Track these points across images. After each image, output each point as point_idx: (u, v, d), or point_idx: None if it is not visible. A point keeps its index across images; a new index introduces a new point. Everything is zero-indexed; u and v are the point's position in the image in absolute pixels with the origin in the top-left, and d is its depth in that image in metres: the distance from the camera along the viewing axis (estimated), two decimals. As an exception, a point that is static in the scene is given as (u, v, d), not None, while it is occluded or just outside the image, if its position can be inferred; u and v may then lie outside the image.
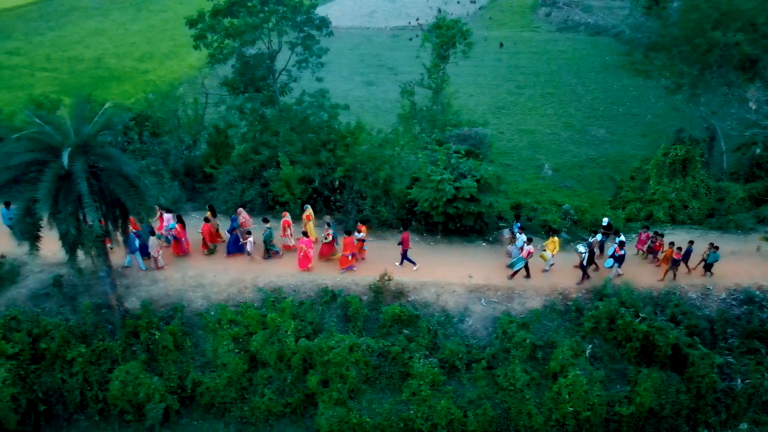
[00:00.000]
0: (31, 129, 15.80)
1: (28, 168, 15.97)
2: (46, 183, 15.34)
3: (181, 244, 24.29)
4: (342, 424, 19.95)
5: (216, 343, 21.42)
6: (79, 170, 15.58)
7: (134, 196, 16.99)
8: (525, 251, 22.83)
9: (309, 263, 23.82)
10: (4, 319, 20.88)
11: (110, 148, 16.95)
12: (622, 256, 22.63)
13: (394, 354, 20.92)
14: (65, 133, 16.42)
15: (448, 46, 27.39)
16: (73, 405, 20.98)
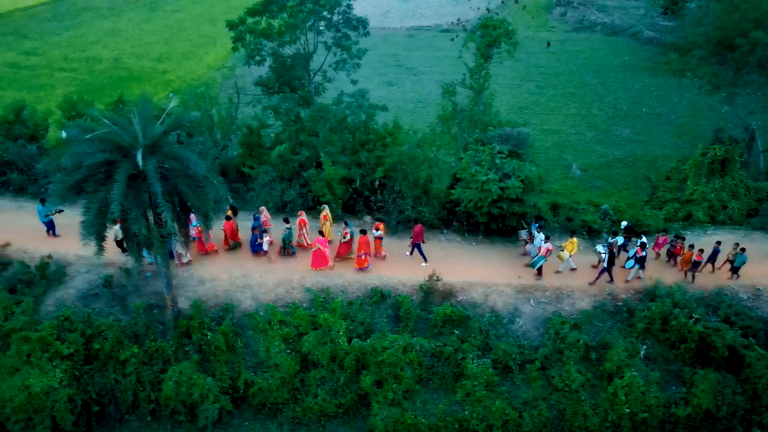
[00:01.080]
0: (103, 129, 15.74)
1: (98, 168, 15.94)
2: (120, 183, 15.32)
3: (203, 243, 24.25)
4: (397, 424, 19.94)
5: (267, 344, 21.39)
6: (152, 170, 15.56)
7: (202, 196, 16.98)
8: (544, 249, 22.87)
9: (324, 263, 23.73)
10: (57, 320, 20.86)
11: (179, 148, 16.93)
12: (644, 257, 22.58)
13: (447, 354, 20.91)
14: (132, 133, 16.39)
15: (493, 46, 27.38)
16: (125, 405, 20.97)
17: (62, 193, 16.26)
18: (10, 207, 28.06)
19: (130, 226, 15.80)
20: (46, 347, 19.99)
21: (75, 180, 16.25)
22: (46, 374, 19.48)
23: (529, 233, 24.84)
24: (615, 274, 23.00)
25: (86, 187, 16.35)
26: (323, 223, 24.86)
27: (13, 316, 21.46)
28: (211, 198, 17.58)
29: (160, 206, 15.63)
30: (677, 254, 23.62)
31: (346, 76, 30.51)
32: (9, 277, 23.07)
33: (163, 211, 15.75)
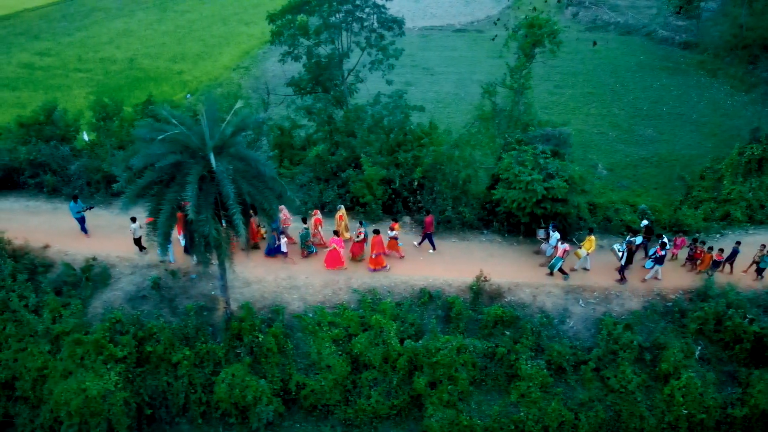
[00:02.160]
0: (173, 130, 15.60)
1: (167, 170, 15.79)
2: (193, 184, 15.19)
3: None
4: (452, 426, 19.88)
5: (317, 346, 21.28)
6: (224, 172, 15.43)
7: (269, 196, 16.87)
8: (561, 250, 22.84)
9: (339, 263, 23.64)
10: (109, 322, 20.73)
11: (247, 150, 16.80)
12: (662, 256, 22.55)
13: (500, 355, 20.86)
14: (200, 134, 16.26)
15: (537, 46, 27.36)
16: (176, 408, 20.85)
17: (135, 194, 16.12)
18: (45, 208, 27.92)
19: (199, 228, 15.66)
20: (100, 350, 19.88)
21: (147, 182, 16.12)
22: (101, 377, 19.37)
23: (546, 232, 24.80)
24: (629, 274, 23.13)
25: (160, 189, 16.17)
26: (338, 223, 24.80)
27: (61, 318, 21.35)
28: (284, 199, 17.45)
29: (230, 208, 15.51)
30: (697, 258, 23.47)
31: (381, 76, 30.37)
32: (54, 279, 22.96)
33: (234, 213, 15.63)
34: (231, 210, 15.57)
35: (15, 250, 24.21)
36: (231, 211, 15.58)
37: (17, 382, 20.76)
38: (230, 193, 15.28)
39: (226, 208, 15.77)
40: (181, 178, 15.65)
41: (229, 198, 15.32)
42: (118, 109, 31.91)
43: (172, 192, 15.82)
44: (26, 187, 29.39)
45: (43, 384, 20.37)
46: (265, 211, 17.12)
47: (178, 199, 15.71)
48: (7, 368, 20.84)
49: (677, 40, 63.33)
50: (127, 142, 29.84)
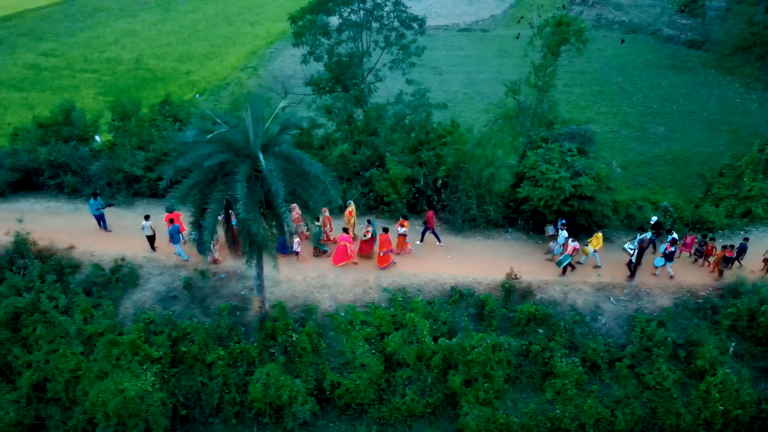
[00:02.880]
0: (220, 130, 15.53)
1: (214, 169, 15.70)
2: (242, 183, 15.11)
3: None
4: (489, 423, 19.86)
5: (350, 345, 21.23)
6: (274, 171, 15.36)
7: (314, 195, 16.82)
8: (570, 248, 22.95)
9: (346, 259, 23.65)
10: (143, 323, 20.62)
11: (292, 148, 16.71)
12: (672, 253, 22.68)
13: (535, 353, 20.86)
14: (245, 133, 16.19)
15: (563, 44, 27.40)
16: (209, 408, 20.75)
17: (183, 194, 16.01)
18: (66, 209, 27.79)
19: (248, 226, 15.57)
20: (136, 350, 19.77)
21: (195, 181, 16.02)
22: (138, 378, 19.27)
23: (555, 229, 24.84)
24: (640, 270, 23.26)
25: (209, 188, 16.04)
26: (348, 219, 24.77)
27: (93, 319, 21.23)
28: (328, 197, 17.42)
29: (279, 206, 15.44)
30: (709, 255, 23.58)
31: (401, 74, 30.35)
32: (83, 280, 22.84)
33: (283, 211, 15.56)
34: (280, 208, 15.50)
35: (40, 251, 24.10)
36: (280, 209, 15.51)
37: (49, 384, 20.61)
38: (280, 191, 15.21)
39: (272, 207, 15.70)
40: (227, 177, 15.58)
41: (279, 196, 15.25)
42: (135, 110, 31.75)
43: (218, 191, 15.74)
44: (45, 188, 29.24)
45: (76, 385, 20.24)
46: (309, 209, 17.03)
47: (225, 198, 15.63)
48: (38, 370, 20.70)
49: (682, 38, 63.56)
50: (147, 141, 29.76)
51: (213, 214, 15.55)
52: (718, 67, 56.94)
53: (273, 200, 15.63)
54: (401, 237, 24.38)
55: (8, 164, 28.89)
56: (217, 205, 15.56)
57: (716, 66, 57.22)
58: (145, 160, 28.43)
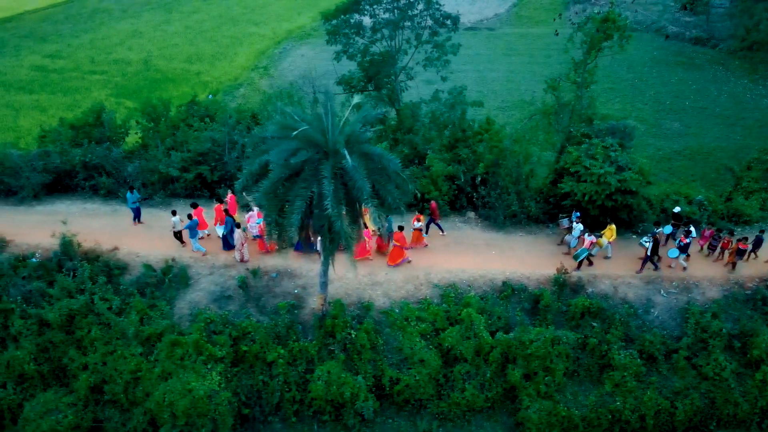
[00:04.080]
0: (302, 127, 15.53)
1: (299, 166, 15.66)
2: (328, 180, 15.11)
3: (264, 242, 24.07)
4: (550, 416, 20.00)
5: (406, 341, 21.29)
6: (359, 168, 15.38)
7: (393, 191, 16.85)
8: (587, 242, 23.24)
9: (365, 253, 23.77)
10: (204, 323, 20.57)
11: (369, 145, 16.72)
12: (687, 244, 23.02)
13: (592, 346, 21.06)
14: (324, 130, 16.20)
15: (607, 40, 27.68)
16: (269, 407, 20.70)
17: (268, 190, 15.96)
18: (104, 211, 27.63)
19: (332, 223, 15.58)
20: (200, 350, 19.70)
21: (278, 177, 15.98)
22: (204, 378, 19.19)
23: (570, 221, 25.07)
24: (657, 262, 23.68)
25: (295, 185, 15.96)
26: (362, 215, 24.69)
27: (150, 320, 21.14)
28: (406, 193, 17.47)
29: (365, 203, 15.48)
30: (725, 248, 23.89)
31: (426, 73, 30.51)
32: (134, 280, 22.72)
33: (369, 208, 15.60)
34: (366, 203, 15.53)
35: (86, 252, 23.98)
36: (366, 204, 15.53)
37: (106, 386, 20.45)
38: (366, 187, 15.24)
39: (352, 203, 15.74)
40: (303, 173, 15.58)
41: (364, 192, 15.28)
42: (166, 110, 31.62)
43: (301, 188, 15.73)
44: (79, 189, 29.03)
45: (135, 387, 20.11)
46: (388, 206, 17.06)
47: (310, 195, 15.62)
48: (95, 372, 20.54)
49: (687, 35, 64.28)
50: (181, 142, 29.63)
51: (298, 211, 15.52)
52: (725, 63, 57.74)
53: (357, 196, 15.68)
54: (417, 231, 24.49)
55: (41, 166, 28.64)
56: (301, 201, 15.55)
57: (723, 63, 57.99)
58: (181, 161, 28.30)
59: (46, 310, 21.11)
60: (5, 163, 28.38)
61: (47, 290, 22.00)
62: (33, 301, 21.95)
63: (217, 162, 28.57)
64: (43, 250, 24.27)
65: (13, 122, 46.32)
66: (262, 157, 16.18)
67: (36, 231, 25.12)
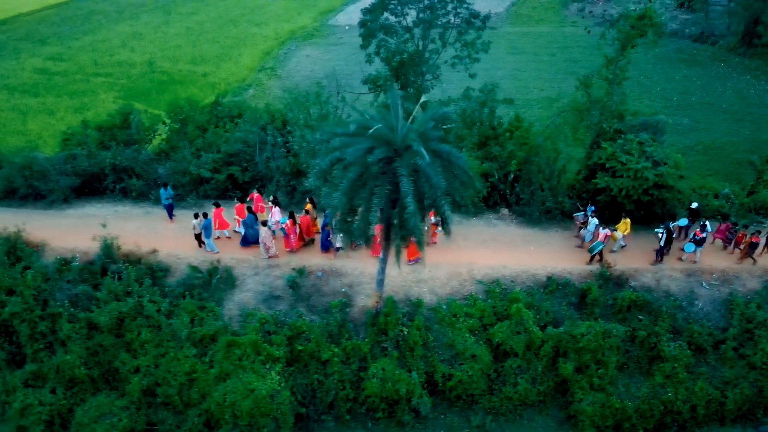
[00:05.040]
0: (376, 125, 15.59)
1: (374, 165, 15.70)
2: (406, 178, 15.17)
3: (290, 240, 24.18)
4: (604, 408, 20.27)
5: (455, 337, 21.42)
6: (435, 166, 15.46)
7: (459, 188, 16.95)
8: (602, 235, 23.64)
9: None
10: (259, 323, 20.55)
11: (442, 144, 16.75)
12: (703, 238, 23.45)
13: (641, 338, 21.35)
14: (395, 128, 16.27)
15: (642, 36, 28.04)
16: (323, 406, 20.74)
17: (347, 189, 15.95)
18: (136, 213, 27.46)
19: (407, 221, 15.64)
20: (258, 350, 19.68)
21: (356, 175, 15.99)
22: (264, 378, 19.17)
23: (585, 215, 25.41)
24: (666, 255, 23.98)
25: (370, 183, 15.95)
26: None
27: (202, 321, 21.07)
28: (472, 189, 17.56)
29: (438, 200, 15.57)
30: (740, 242, 24.29)
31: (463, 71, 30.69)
32: (181, 282, 22.63)
33: (443, 204, 15.71)
34: (438, 202, 15.64)
35: (126, 255, 23.79)
36: (439, 203, 15.65)
37: (158, 388, 20.35)
38: (441, 184, 15.33)
39: (420, 200, 15.82)
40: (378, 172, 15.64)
41: (439, 190, 15.38)
42: (193, 111, 31.48)
43: (377, 186, 15.75)
44: (108, 192, 28.81)
45: (190, 388, 20.04)
46: (456, 203, 17.17)
47: (386, 194, 15.66)
48: (148, 375, 20.43)
49: (687, 32, 65.14)
50: (210, 143, 29.52)
51: (376, 209, 15.55)
52: (726, 60, 58.65)
53: (431, 194, 15.76)
54: (433, 226, 24.54)
55: (70, 169, 28.39)
56: (378, 199, 15.59)
57: (724, 59, 58.90)
58: (212, 162, 28.21)
59: (95, 314, 20.94)
60: (33, 167, 28.07)
61: (94, 294, 21.82)
62: (80, 304, 21.77)
63: (248, 162, 28.51)
64: (81, 253, 24.05)
65: (21, 125, 45.73)
66: (333, 155, 16.16)
67: (71, 234, 24.93)
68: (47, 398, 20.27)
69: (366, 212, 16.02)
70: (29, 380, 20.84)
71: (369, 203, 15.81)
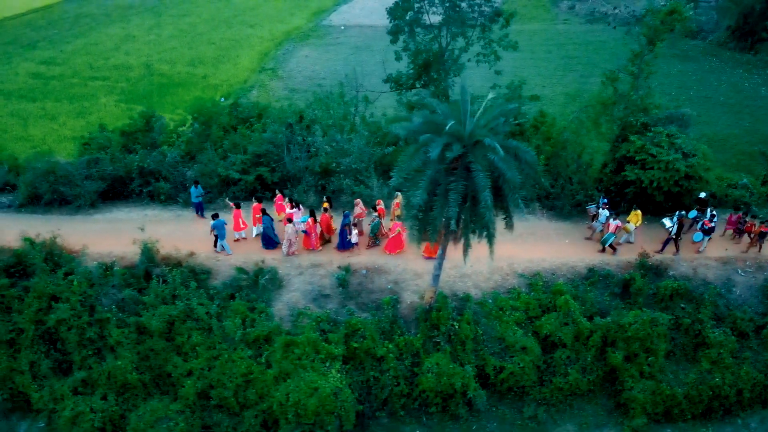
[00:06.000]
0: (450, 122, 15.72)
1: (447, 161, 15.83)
2: (483, 173, 15.33)
3: (311, 239, 24.36)
4: (655, 395, 20.70)
5: (506, 330, 21.68)
6: (509, 160, 15.66)
7: (526, 183, 17.13)
8: (613, 226, 24.24)
9: (400, 247, 24.21)
10: (315, 322, 20.57)
11: (509, 139, 16.91)
12: (712, 228, 24.14)
13: (686, 326, 21.84)
14: (463, 122, 16.43)
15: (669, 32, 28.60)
16: (377, 402, 20.83)
17: (427, 186, 16.03)
18: (166, 216, 27.23)
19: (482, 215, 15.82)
20: (317, 349, 19.70)
21: (434, 171, 16.10)
22: (325, 376, 19.19)
23: (597, 207, 25.95)
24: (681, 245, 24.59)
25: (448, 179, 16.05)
26: (395, 210, 25.25)
27: (254, 322, 21.01)
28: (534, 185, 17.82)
29: (511, 193, 15.78)
30: (748, 232, 24.92)
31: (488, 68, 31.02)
32: (228, 284, 22.54)
33: (517, 199, 15.93)
34: (512, 195, 15.86)
35: (165, 258, 23.61)
36: (512, 196, 15.87)
37: (213, 390, 20.25)
38: (516, 179, 15.56)
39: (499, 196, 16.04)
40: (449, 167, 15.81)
41: (513, 184, 15.60)
42: (217, 113, 31.30)
43: (452, 182, 15.90)
44: (134, 196, 28.52)
45: (245, 390, 19.97)
46: (523, 198, 17.36)
47: (461, 189, 15.81)
48: (201, 377, 20.32)
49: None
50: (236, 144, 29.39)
51: (454, 204, 15.66)
52: (718, 54, 60.07)
53: (505, 189, 15.98)
54: None
55: (95, 174, 28.03)
56: (456, 195, 15.72)
57: (715, 54, 60.31)
58: (240, 163, 28.09)
59: (146, 318, 20.76)
60: (57, 172, 27.62)
61: (140, 298, 21.62)
62: (126, 309, 21.55)
63: (276, 163, 28.45)
64: (117, 258, 23.80)
65: (23, 131, 44.88)
66: (419, 152, 16.24)
67: (104, 239, 24.67)
68: (98, 405, 20.02)
69: (442, 208, 16.14)
70: (78, 387, 20.56)
71: (444, 199, 15.95)
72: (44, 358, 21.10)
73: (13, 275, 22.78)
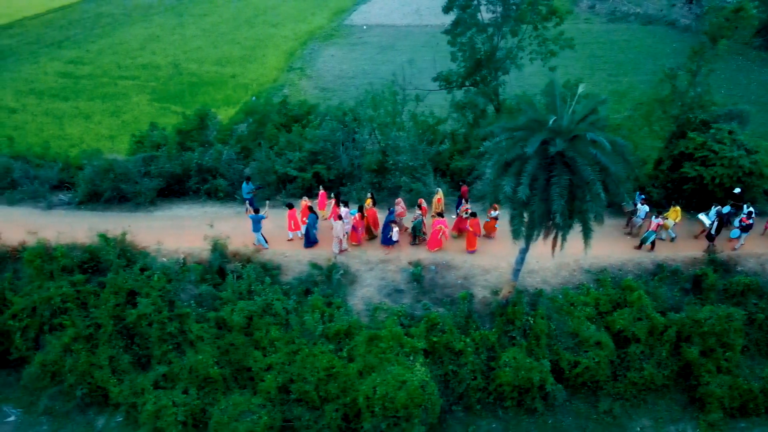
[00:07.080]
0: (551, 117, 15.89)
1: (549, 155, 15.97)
2: (588, 167, 15.47)
3: (357, 234, 24.50)
4: (732, 390, 20.84)
5: (580, 325, 21.80)
6: (610, 153, 15.80)
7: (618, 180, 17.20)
8: (654, 224, 24.34)
9: (439, 244, 24.29)
10: (396, 316, 20.73)
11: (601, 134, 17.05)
12: (750, 225, 24.21)
13: (760, 321, 21.98)
14: (561, 117, 16.59)
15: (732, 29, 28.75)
16: (453, 396, 20.96)
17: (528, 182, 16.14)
18: (226, 213, 27.38)
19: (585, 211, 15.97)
20: (401, 343, 19.84)
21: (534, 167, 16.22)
22: (411, 369, 19.33)
23: (634, 203, 25.96)
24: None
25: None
26: (437, 205, 25.46)
27: (333, 317, 21.15)
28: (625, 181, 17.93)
29: (615, 188, 15.95)
30: None
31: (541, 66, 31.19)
32: (304, 279, 22.70)
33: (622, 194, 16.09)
34: (616, 190, 16.01)
35: (234, 255, 23.76)
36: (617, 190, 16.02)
37: (293, 384, 20.39)
38: (620, 173, 15.72)
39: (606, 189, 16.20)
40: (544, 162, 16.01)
41: (617, 177, 15.76)
42: (270, 112, 31.46)
43: (553, 176, 16.04)
44: (191, 193, 28.67)
45: (327, 384, 20.10)
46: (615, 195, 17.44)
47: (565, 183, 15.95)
48: (282, 372, 20.46)
49: (698, 28, 66.57)
50: (289, 141, 29.54)
51: (559, 198, 15.82)
52: (743, 53, 60.19)
53: (609, 182, 16.15)
54: (493, 220, 25.03)
55: (154, 171, 28.19)
56: (560, 189, 15.86)
57: (741, 53, 60.43)
58: (298, 161, 28.24)
59: (225, 313, 20.91)
60: (116, 170, 27.78)
61: (217, 293, 21.77)
62: (204, 304, 21.70)
63: (333, 160, 28.59)
64: (185, 254, 23.95)
65: (59, 130, 44.91)
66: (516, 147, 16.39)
67: (169, 236, 24.79)
68: (180, 399, 20.16)
69: (545, 202, 16.27)
70: (159, 382, 20.71)
71: (543, 193, 16.09)
72: (123, 353, 21.25)
73: (86, 271, 22.96)
